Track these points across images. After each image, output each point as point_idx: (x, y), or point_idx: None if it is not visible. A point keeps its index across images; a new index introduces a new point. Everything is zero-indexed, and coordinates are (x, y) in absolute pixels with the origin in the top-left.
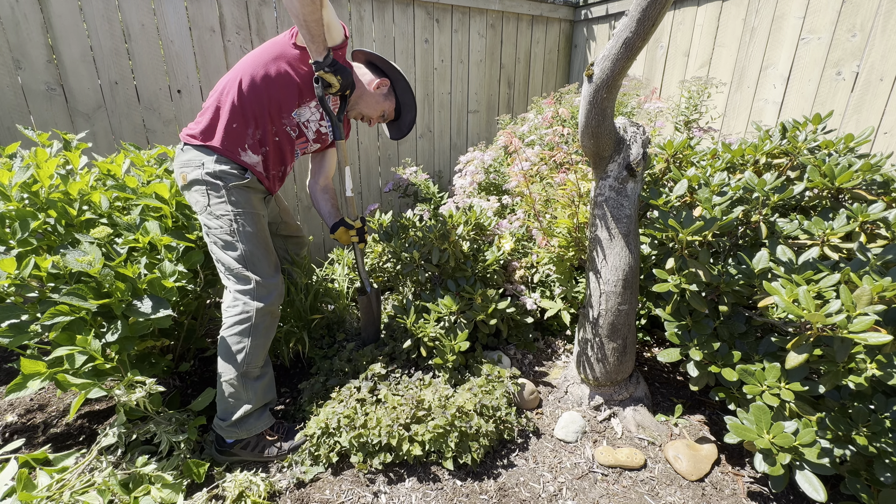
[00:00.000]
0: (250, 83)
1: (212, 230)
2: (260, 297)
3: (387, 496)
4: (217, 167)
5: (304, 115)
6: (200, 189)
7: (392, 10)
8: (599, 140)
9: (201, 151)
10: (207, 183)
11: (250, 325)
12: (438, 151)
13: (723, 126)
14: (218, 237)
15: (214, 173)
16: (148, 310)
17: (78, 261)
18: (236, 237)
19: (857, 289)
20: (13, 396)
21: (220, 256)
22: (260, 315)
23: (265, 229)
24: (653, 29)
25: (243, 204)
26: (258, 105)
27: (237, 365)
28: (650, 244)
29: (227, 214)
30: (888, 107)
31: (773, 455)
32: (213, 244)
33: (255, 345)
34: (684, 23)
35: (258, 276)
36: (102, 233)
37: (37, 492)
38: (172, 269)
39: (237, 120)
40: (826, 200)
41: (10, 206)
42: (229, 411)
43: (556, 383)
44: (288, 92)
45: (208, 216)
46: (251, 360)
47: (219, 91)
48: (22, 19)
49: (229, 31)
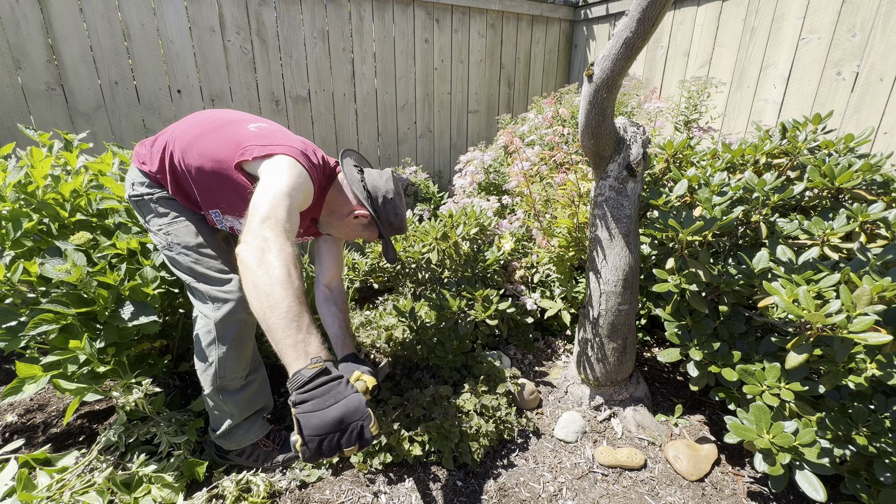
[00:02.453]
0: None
1: (158, 246)
2: (216, 307)
3: (387, 496)
4: (143, 189)
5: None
6: (136, 208)
7: (392, 10)
8: (599, 140)
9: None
10: (135, 202)
11: (213, 337)
12: (438, 151)
13: (723, 126)
14: (163, 253)
15: (140, 193)
16: (131, 316)
17: (56, 269)
18: (174, 250)
19: (857, 289)
20: (10, 399)
21: (175, 273)
22: (222, 326)
23: (210, 234)
24: (653, 29)
25: (174, 212)
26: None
27: (211, 380)
28: (650, 244)
29: (161, 229)
30: (888, 107)
31: (773, 455)
32: (166, 260)
33: (224, 357)
34: (684, 23)
35: (207, 285)
36: (83, 238)
37: (37, 492)
38: (154, 275)
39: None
40: (826, 200)
41: (5, 206)
42: (217, 423)
43: (556, 383)
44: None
45: (150, 234)
46: (225, 372)
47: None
48: (22, 19)
49: (229, 31)
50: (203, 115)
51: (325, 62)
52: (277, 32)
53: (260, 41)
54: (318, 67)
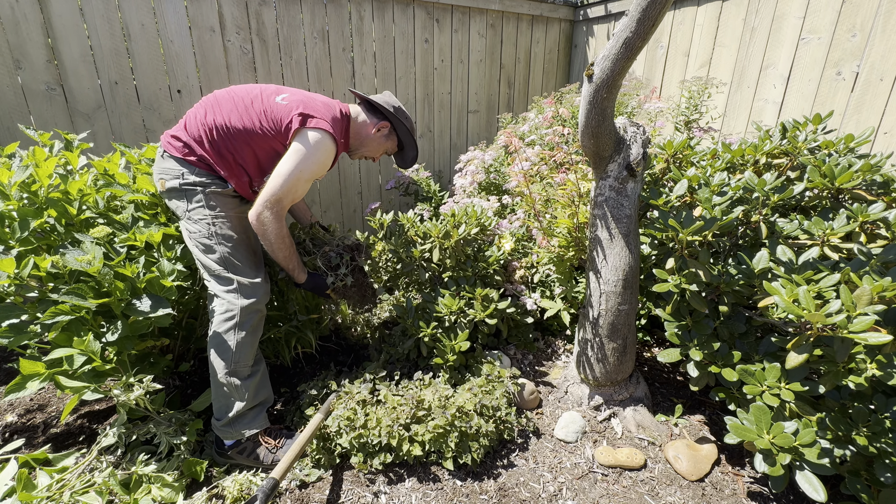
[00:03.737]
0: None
1: (191, 234)
2: (245, 296)
3: (387, 496)
4: (195, 178)
5: None
6: (178, 195)
7: (392, 10)
8: (599, 140)
9: (179, 163)
10: (185, 190)
11: (235, 322)
12: (438, 151)
13: (723, 126)
14: (198, 240)
15: (192, 182)
16: (147, 309)
17: (77, 260)
18: (214, 238)
19: (857, 289)
20: (12, 397)
21: (202, 259)
22: (245, 313)
23: (247, 230)
24: (653, 29)
25: (221, 207)
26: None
27: (227, 363)
28: (650, 244)
29: (204, 219)
30: (888, 107)
31: (773, 455)
32: (195, 248)
33: (242, 343)
34: (684, 23)
35: (239, 276)
36: (102, 232)
37: (37, 492)
38: (171, 267)
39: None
40: (826, 200)
41: (10, 205)
42: (224, 410)
43: (556, 383)
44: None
45: (187, 221)
46: (239, 357)
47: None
48: (22, 19)
49: (229, 31)
50: (225, 95)
51: (325, 62)
52: (277, 32)
53: (260, 41)
54: (318, 67)
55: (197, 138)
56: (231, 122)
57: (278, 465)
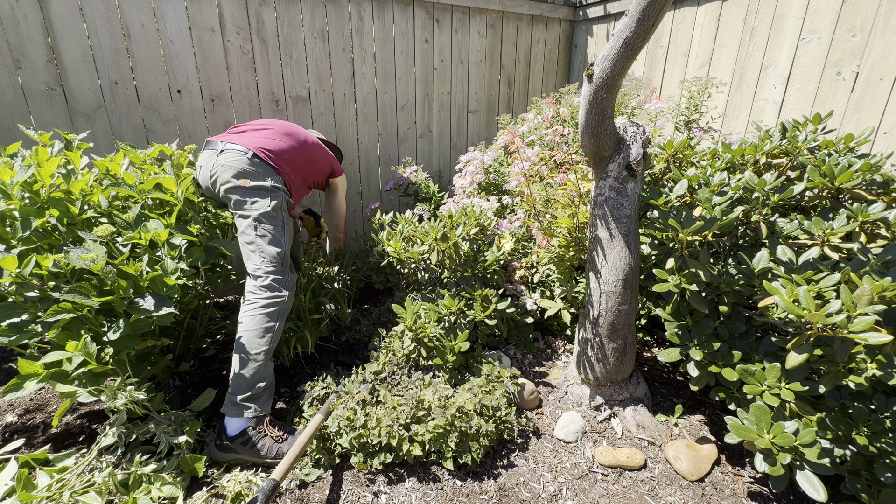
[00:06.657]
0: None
1: (264, 226)
2: (290, 287)
3: (387, 496)
4: (282, 185)
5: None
6: (262, 194)
7: (392, 10)
8: (599, 140)
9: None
10: (271, 191)
11: (280, 308)
12: (438, 151)
13: (723, 126)
14: (269, 233)
15: (277, 186)
16: (150, 307)
17: (81, 258)
18: (283, 236)
19: (858, 289)
20: (10, 396)
21: (266, 249)
22: (288, 301)
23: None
24: (653, 29)
25: (286, 210)
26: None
27: (266, 342)
28: (650, 244)
29: (279, 217)
30: (888, 107)
31: (774, 455)
32: (260, 237)
33: (279, 327)
34: (684, 23)
35: (289, 271)
36: (106, 231)
37: (37, 492)
38: (174, 266)
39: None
40: (826, 200)
41: (12, 204)
42: (245, 387)
43: (556, 383)
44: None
45: (264, 216)
46: (275, 339)
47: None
48: (22, 19)
49: (229, 31)
50: (286, 129)
51: (325, 62)
52: (277, 32)
53: (260, 41)
54: (318, 67)
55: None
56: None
57: (279, 466)
